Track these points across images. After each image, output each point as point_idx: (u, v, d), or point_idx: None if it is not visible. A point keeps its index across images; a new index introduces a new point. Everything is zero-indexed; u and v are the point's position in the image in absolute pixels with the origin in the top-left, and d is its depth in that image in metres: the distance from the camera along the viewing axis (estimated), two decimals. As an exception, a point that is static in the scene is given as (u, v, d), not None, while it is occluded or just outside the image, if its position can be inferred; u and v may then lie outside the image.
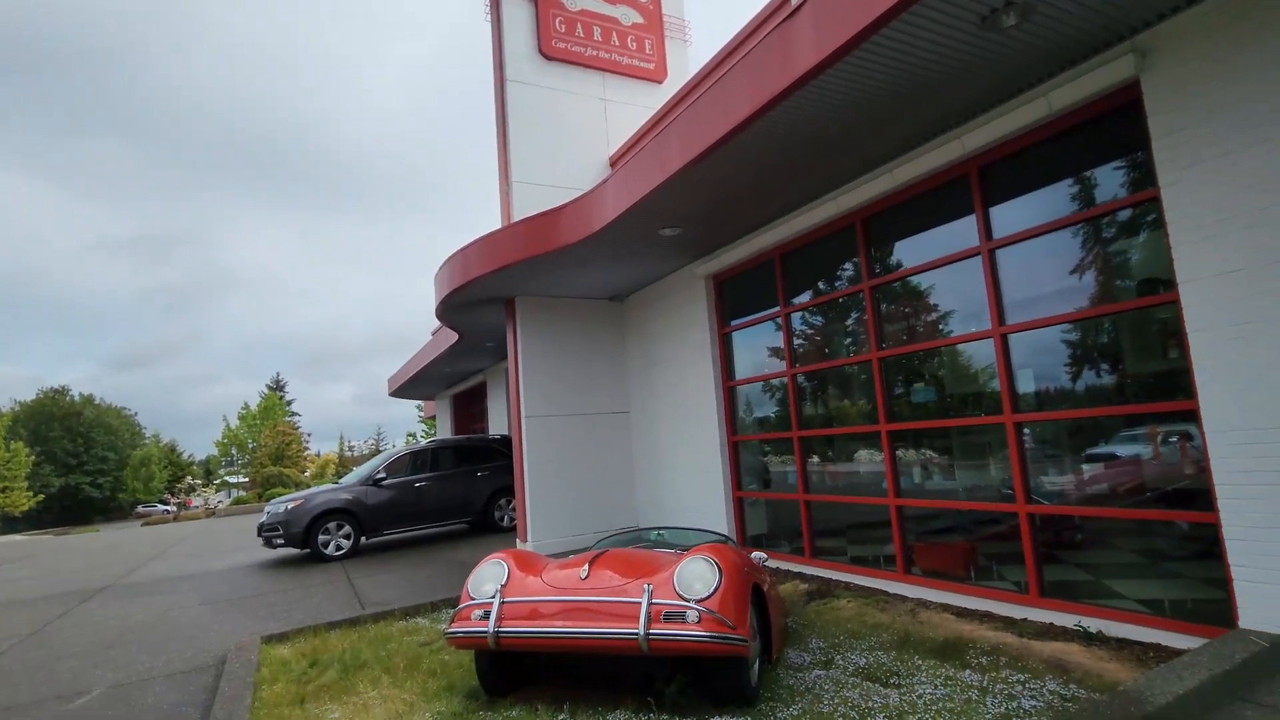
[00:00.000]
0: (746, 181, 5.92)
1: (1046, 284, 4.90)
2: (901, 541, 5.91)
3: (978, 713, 3.31)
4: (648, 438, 9.55)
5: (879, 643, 4.50)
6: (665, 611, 3.50)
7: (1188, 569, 4.28)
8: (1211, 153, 3.75)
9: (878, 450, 6.16)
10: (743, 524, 7.98)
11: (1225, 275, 3.70)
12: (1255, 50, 3.58)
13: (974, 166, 5.15)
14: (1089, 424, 4.80)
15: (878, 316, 6.16)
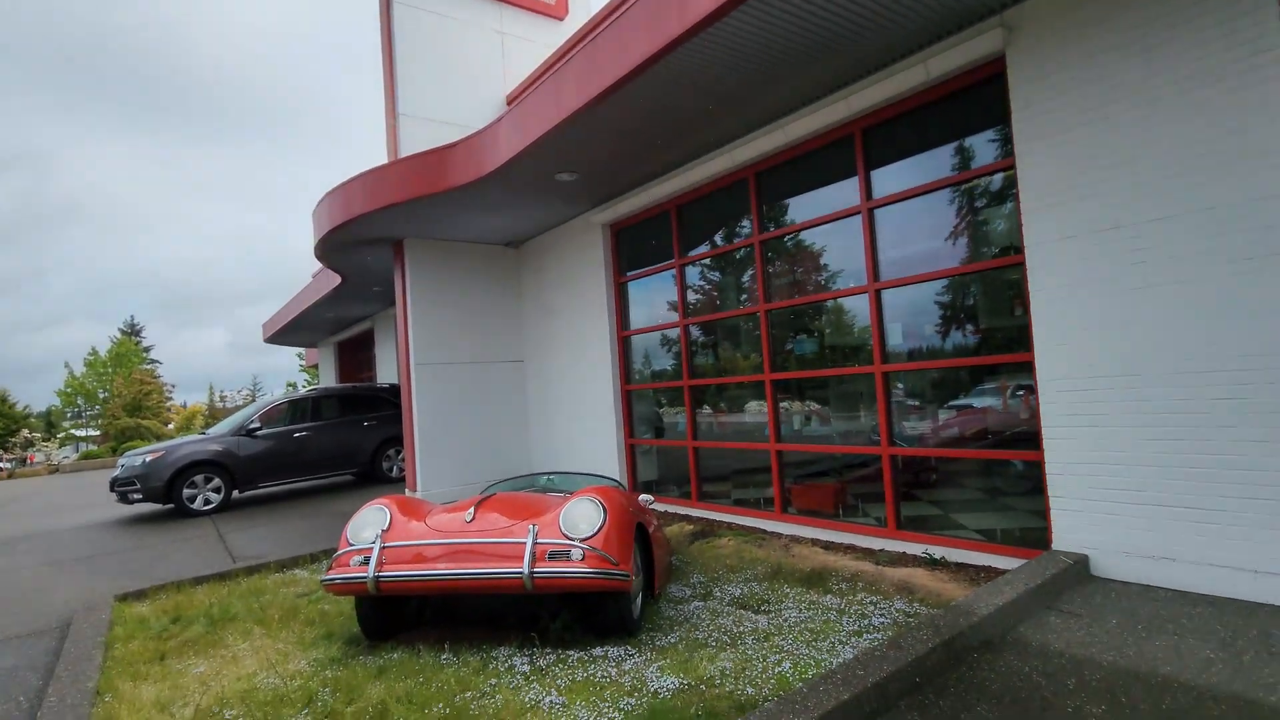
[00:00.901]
0: (644, 129, 5.87)
1: (917, 244, 5.25)
2: (780, 484, 6.30)
3: (835, 631, 3.65)
4: (543, 386, 9.51)
5: (754, 575, 4.82)
6: (550, 550, 3.57)
7: (1019, 502, 4.85)
8: (1058, 128, 4.12)
9: (763, 399, 6.47)
10: (634, 470, 8.20)
11: (1063, 240, 4.12)
12: (1096, 37, 3.93)
13: (858, 128, 5.37)
14: (951, 377, 5.27)
15: (766, 270, 6.39)
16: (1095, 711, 2.59)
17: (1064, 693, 2.75)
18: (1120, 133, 3.87)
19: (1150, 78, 3.74)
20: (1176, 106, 3.66)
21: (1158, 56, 3.71)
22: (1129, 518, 3.90)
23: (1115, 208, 3.90)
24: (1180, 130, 3.65)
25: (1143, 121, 3.78)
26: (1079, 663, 2.99)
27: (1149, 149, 3.77)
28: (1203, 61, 3.57)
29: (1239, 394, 3.51)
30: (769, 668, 3.25)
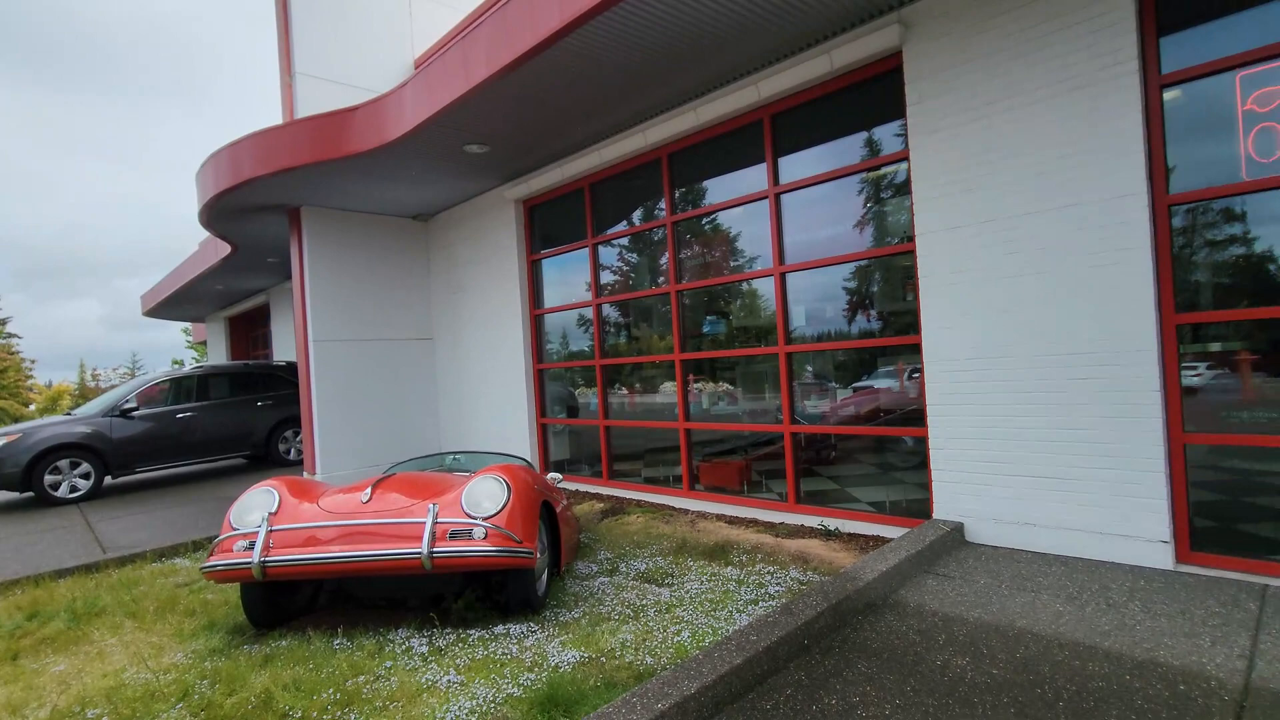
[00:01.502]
0: (557, 103, 5.77)
1: (820, 230, 5.45)
2: (688, 462, 6.45)
3: (733, 600, 3.79)
4: (453, 365, 9.26)
5: (660, 550, 4.93)
6: (452, 530, 3.50)
7: (908, 476, 5.18)
8: (947, 124, 4.37)
9: (673, 379, 6.57)
10: (546, 450, 8.16)
11: (949, 230, 4.40)
12: (981, 41, 4.18)
13: (767, 114, 5.49)
14: (851, 358, 5.53)
15: (678, 251, 6.46)
16: (960, 663, 2.82)
17: (934, 647, 2.98)
18: (1000, 131, 4.14)
19: (1026, 82, 4.02)
20: (1047, 109, 3.96)
21: (1034, 62, 3.99)
22: (999, 488, 4.25)
23: (994, 201, 4.19)
24: (1050, 131, 3.95)
25: (1019, 122, 4.07)
26: (949, 620, 3.24)
27: (1023, 147, 4.06)
28: (1071, 69, 3.87)
29: (1092, 374, 3.87)
30: (669, 638, 3.34)
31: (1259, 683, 2.50)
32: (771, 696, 2.66)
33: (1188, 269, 3.79)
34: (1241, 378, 3.77)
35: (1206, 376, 3.88)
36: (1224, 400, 3.80)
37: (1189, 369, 3.90)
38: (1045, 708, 2.44)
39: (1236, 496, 3.90)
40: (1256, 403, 3.71)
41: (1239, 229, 3.72)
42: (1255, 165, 3.49)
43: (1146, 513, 3.71)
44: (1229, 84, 3.55)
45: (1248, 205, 3.63)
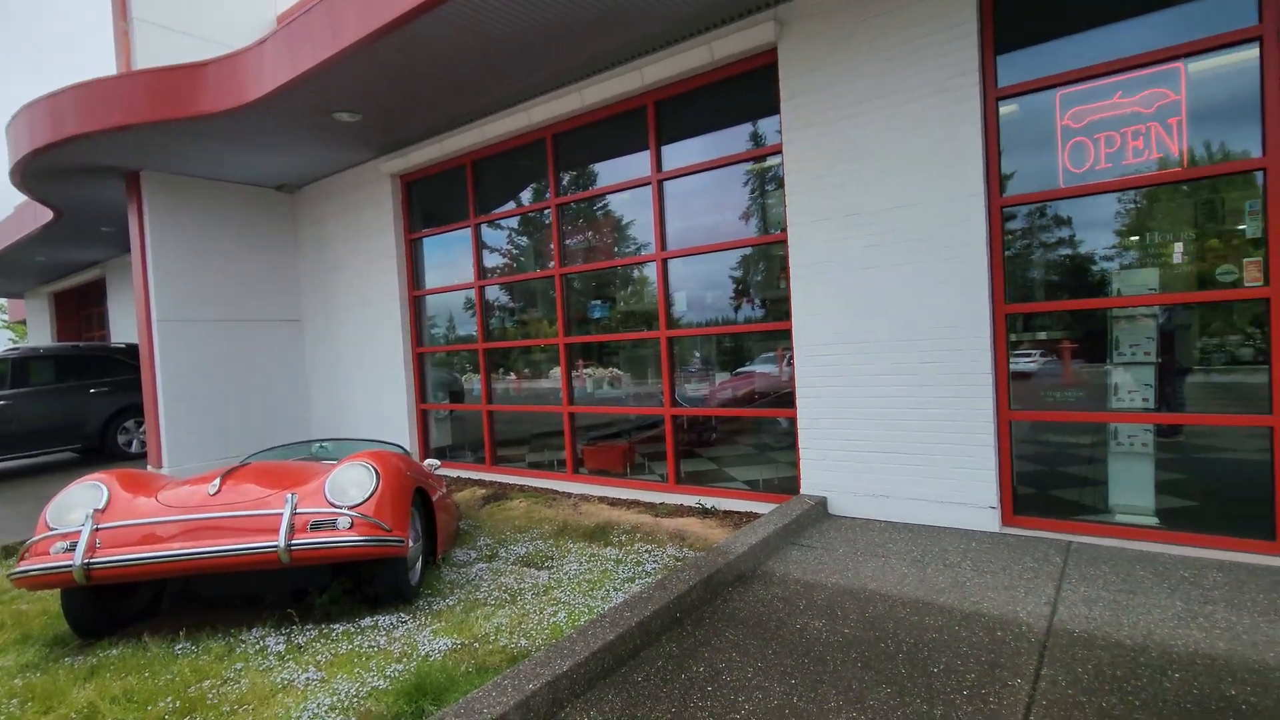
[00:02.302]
0: (436, 75, 5.51)
1: (701, 217, 5.59)
2: (572, 446, 6.45)
3: (611, 579, 3.85)
4: (325, 348, 8.69)
5: (541, 534, 4.90)
6: (313, 520, 3.29)
7: (781, 455, 5.46)
8: (817, 121, 4.60)
9: (558, 363, 6.53)
10: (426, 436, 7.87)
11: (817, 222, 4.65)
12: (848, 44, 4.43)
13: (651, 100, 5.55)
14: (732, 343, 5.73)
15: (562, 234, 6.40)
16: (817, 625, 3.03)
17: (796, 612, 3.18)
18: (865, 130, 4.42)
19: (888, 85, 4.32)
20: (905, 113, 4.27)
21: (895, 68, 4.28)
22: (858, 463, 4.58)
23: (857, 196, 4.47)
24: (907, 133, 4.27)
25: (881, 123, 4.36)
26: (810, 587, 3.47)
27: (884, 147, 4.36)
28: (926, 76, 4.19)
29: (937, 358, 4.25)
30: (545, 620, 3.34)
31: (1058, 625, 2.87)
32: (643, 669, 2.74)
33: (1016, 265, 4.24)
34: (1063, 362, 4.30)
35: (1040, 362, 4.39)
36: (1046, 382, 4.31)
37: (1024, 355, 4.40)
38: (887, 659, 2.67)
39: (1051, 466, 4.45)
40: (1072, 384, 4.24)
41: (1058, 231, 4.21)
42: (1070, 175, 3.95)
43: (979, 482, 4.14)
44: (1051, 101, 3.99)
45: (1064, 210, 4.12)
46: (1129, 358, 4.02)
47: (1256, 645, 2.58)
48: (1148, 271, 3.92)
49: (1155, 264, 3.90)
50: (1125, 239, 3.97)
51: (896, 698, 2.40)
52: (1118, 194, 3.90)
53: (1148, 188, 3.82)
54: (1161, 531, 3.79)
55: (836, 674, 2.59)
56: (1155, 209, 3.92)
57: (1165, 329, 4.02)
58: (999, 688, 2.41)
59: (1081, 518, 4.05)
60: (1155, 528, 3.83)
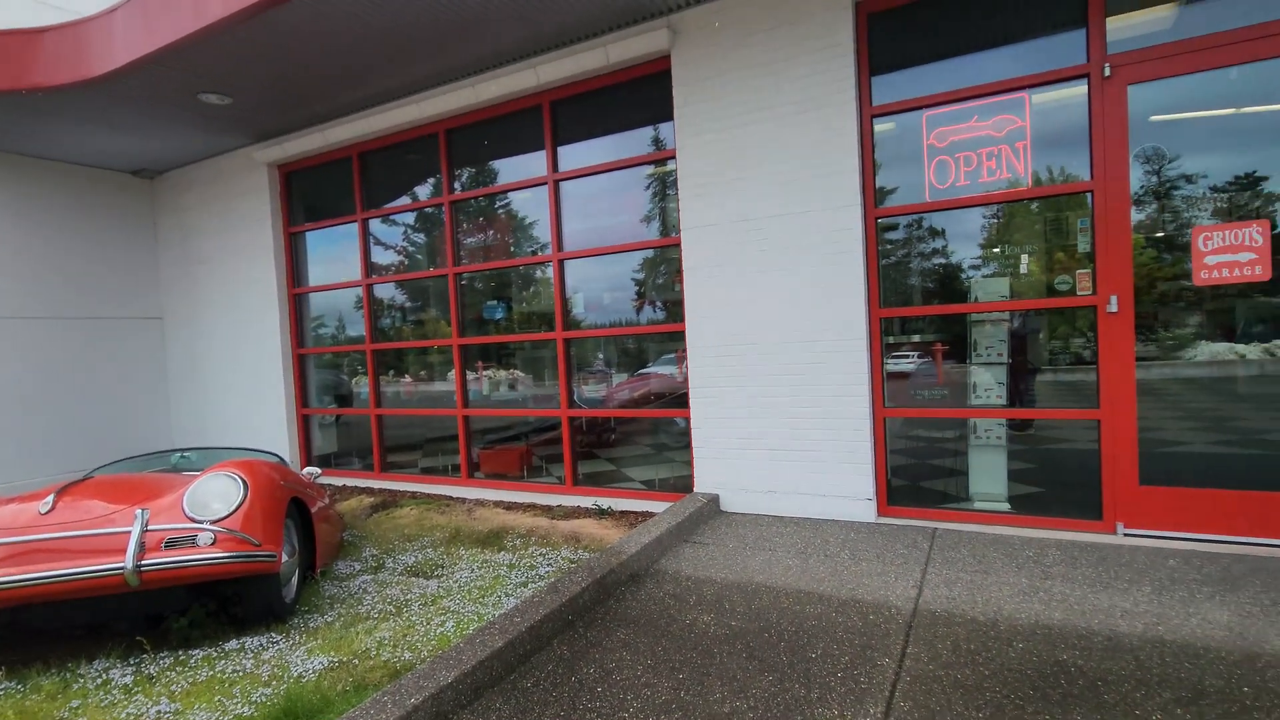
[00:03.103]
0: (318, 61, 5.19)
1: (598, 219, 5.61)
2: (467, 450, 6.27)
3: (503, 584, 3.77)
4: (191, 349, 7.97)
5: (432, 541, 4.73)
6: (168, 538, 3.01)
7: (677, 455, 5.56)
8: (710, 128, 4.73)
9: (451, 364, 6.33)
10: (308, 443, 7.39)
11: (709, 227, 4.78)
12: (738, 55, 4.59)
13: (547, 99, 5.50)
14: (635, 345, 5.77)
15: (456, 231, 6.22)
16: (706, 619, 3.11)
17: (686, 608, 3.24)
18: (755, 139, 4.59)
19: (776, 96, 4.50)
20: (790, 125, 4.47)
21: (780, 82, 4.48)
22: (749, 460, 4.74)
23: (748, 202, 4.64)
24: (794, 143, 4.47)
25: (769, 132, 4.54)
26: (700, 582, 3.55)
27: (772, 156, 4.54)
28: (807, 91, 4.41)
29: (822, 359, 4.48)
30: (432, 630, 3.22)
31: (923, 606, 3.10)
32: (533, 674, 2.70)
33: (890, 272, 4.55)
34: (936, 363, 4.65)
35: (917, 362, 4.73)
36: (921, 381, 4.65)
37: (903, 357, 4.73)
38: (770, 648, 2.78)
39: (922, 459, 4.81)
40: (943, 383, 4.60)
41: (932, 242, 4.56)
42: (935, 190, 4.28)
43: (858, 475, 4.40)
44: (919, 121, 4.31)
45: (932, 222, 4.46)
46: (986, 358, 4.41)
47: (1084, 614, 2.90)
48: (1000, 280, 4.32)
49: (1007, 274, 4.31)
50: (987, 250, 4.36)
51: (777, 684, 2.49)
52: (976, 209, 4.27)
53: (1000, 204, 4.21)
54: (1012, 516, 4.18)
55: (723, 666, 2.67)
56: (1010, 224, 4.33)
57: (1019, 333, 4.45)
58: (869, 668, 2.57)
59: (946, 506, 4.40)
60: (1007, 513, 4.22)
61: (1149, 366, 4.15)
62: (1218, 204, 3.84)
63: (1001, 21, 4.11)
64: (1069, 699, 2.28)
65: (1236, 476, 3.79)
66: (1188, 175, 3.87)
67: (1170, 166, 3.91)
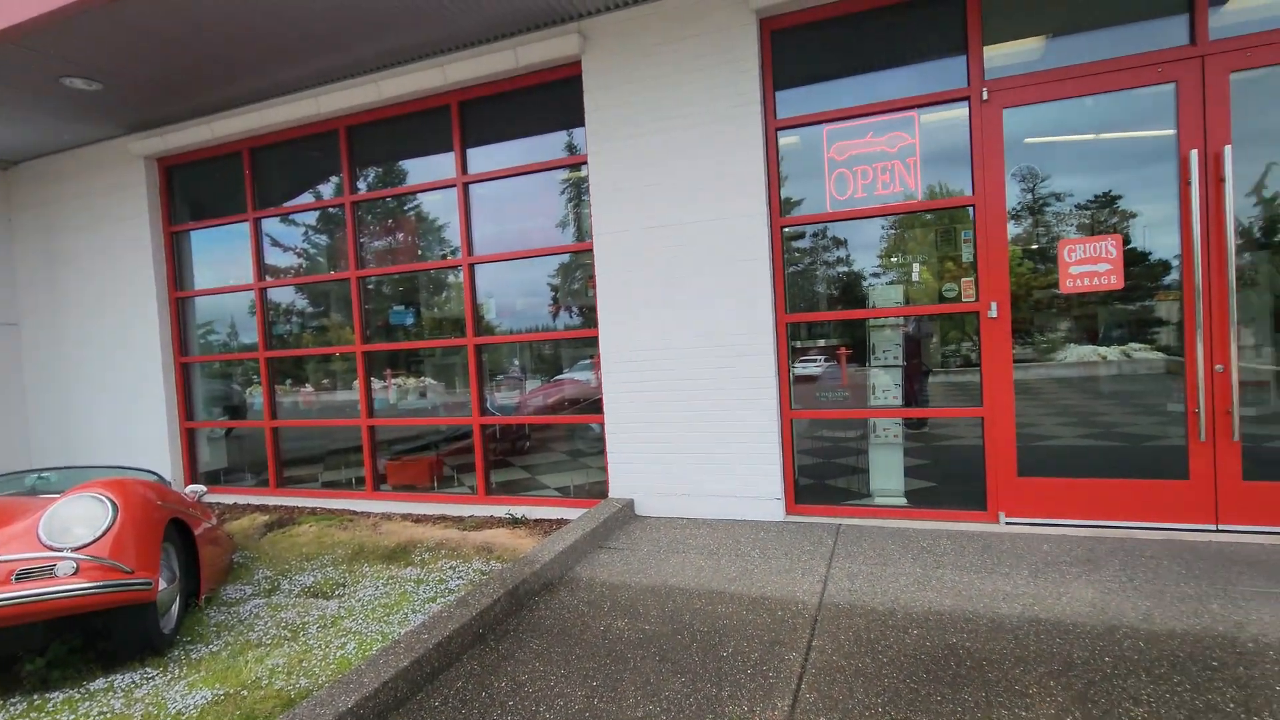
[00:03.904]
0: (202, 48, 4.84)
1: (511, 223, 5.52)
2: (373, 461, 5.99)
3: (410, 601, 3.62)
4: (53, 358, 7.20)
5: (333, 559, 4.48)
6: (20, 569, 2.69)
7: (593, 460, 5.53)
8: (621, 134, 4.76)
9: (354, 372, 6.03)
10: (193, 459, 6.84)
11: (621, 233, 4.80)
12: (646, 66, 4.65)
13: (455, 99, 5.36)
14: (551, 351, 5.70)
15: (359, 233, 5.95)
16: (620, 625, 3.10)
17: (600, 614, 3.23)
18: (667, 146, 4.65)
19: (687, 106, 4.58)
20: (699, 134, 4.57)
21: (693, 91, 4.56)
22: (662, 464, 4.79)
23: (659, 209, 4.69)
24: (705, 152, 4.56)
25: (681, 140, 4.61)
26: (615, 588, 3.54)
27: (684, 164, 4.62)
28: (716, 103, 4.52)
29: (734, 363, 4.58)
30: (331, 654, 3.04)
31: (828, 599, 3.22)
32: (441, 692, 2.60)
33: (796, 279, 4.73)
34: (841, 366, 4.86)
35: (824, 366, 4.93)
36: (828, 384, 4.84)
37: (811, 360, 4.92)
38: (683, 649, 2.81)
39: (828, 458, 5.01)
40: (847, 386, 4.81)
41: (829, 250, 4.77)
42: (835, 201, 4.49)
43: (767, 476, 4.53)
44: (820, 135, 4.51)
45: (833, 231, 4.67)
46: (883, 361, 4.66)
47: (971, 599, 3.11)
48: (895, 288, 4.58)
49: (902, 282, 4.57)
50: (885, 259, 4.61)
51: (689, 685, 2.52)
52: (875, 219, 4.51)
53: (894, 216, 4.46)
54: (909, 509, 4.42)
55: (636, 670, 2.66)
56: (905, 235, 4.60)
57: (915, 337, 4.73)
58: (777, 662, 2.64)
59: (849, 503, 4.60)
60: (904, 507, 4.47)
61: (1027, 367, 4.52)
62: (1082, 220, 4.24)
63: (894, 44, 4.37)
64: (958, 679, 2.43)
65: (1098, 466, 4.18)
66: (1057, 193, 4.26)
67: (1043, 185, 4.29)
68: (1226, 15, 3.71)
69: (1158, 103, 3.81)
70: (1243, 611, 2.81)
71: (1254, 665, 2.39)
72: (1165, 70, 3.74)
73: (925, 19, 4.24)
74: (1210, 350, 3.71)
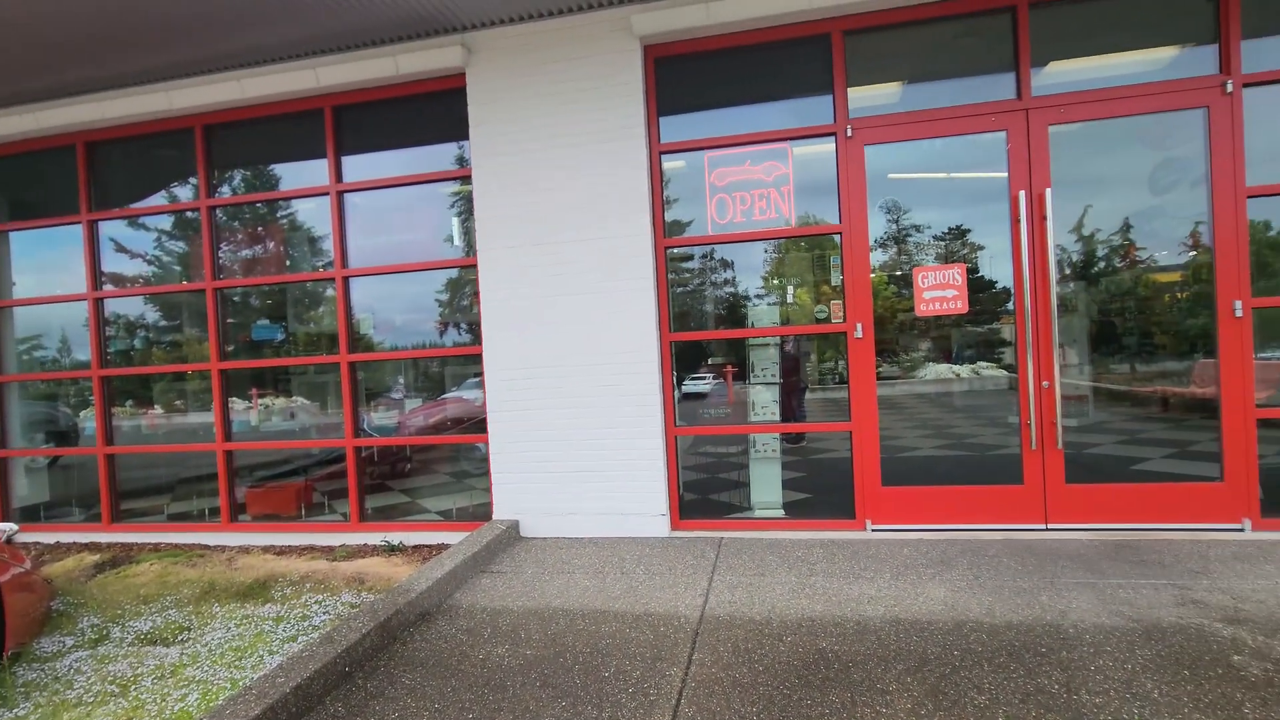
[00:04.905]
0: (24, 25, 4.29)
1: (391, 235, 5.28)
2: (229, 490, 5.47)
3: (266, 642, 3.31)
4: None
5: (177, 600, 4.03)
6: None
7: (478, 481, 5.34)
8: (507, 150, 4.71)
9: (229, 393, 5.50)
10: (5, 493, 5.95)
11: (507, 249, 4.73)
12: (534, 84, 4.64)
13: (329, 103, 5.09)
14: (440, 368, 5.46)
15: (217, 241, 5.47)
16: (500, 652, 2.99)
17: (479, 642, 3.10)
18: (554, 165, 4.64)
19: (574, 125, 4.60)
20: (588, 154, 4.59)
21: (578, 111, 4.59)
22: (549, 484, 4.71)
23: (546, 227, 4.67)
24: (592, 172, 4.59)
25: (568, 159, 4.62)
26: (496, 614, 3.42)
27: (571, 182, 4.63)
28: (606, 123, 4.57)
29: (621, 382, 4.61)
30: (169, 707, 2.72)
31: (709, 612, 3.28)
32: (298, 741, 2.38)
33: (681, 298, 4.85)
34: (727, 384, 5.01)
35: (712, 383, 5.06)
36: (715, 401, 4.98)
37: (700, 378, 5.03)
38: (565, 673, 2.75)
39: (712, 474, 5.14)
40: (733, 403, 4.97)
41: (716, 271, 4.94)
42: (716, 224, 4.66)
43: (652, 493, 4.58)
44: (702, 161, 4.67)
45: (717, 253, 4.85)
46: (762, 379, 4.87)
47: (840, 604, 3.28)
48: (773, 309, 4.81)
49: (779, 303, 4.81)
50: (768, 282, 4.84)
51: (570, 709, 2.47)
52: (756, 243, 4.73)
53: (770, 240, 4.70)
54: (787, 521, 4.61)
55: (515, 698, 2.58)
56: (783, 259, 4.84)
57: (794, 355, 4.97)
58: (658, 679, 2.65)
59: (731, 516, 4.74)
60: (782, 518, 4.66)
61: (893, 384, 4.88)
62: (939, 250, 4.67)
63: (771, 80, 4.62)
64: (827, 682, 2.54)
65: (951, 474, 4.56)
66: (918, 225, 4.67)
67: (905, 217, 4.69)
68: (1046, 76, 4.24)
69: (995, 148, 4.28)
70: (1065, 600, 3.15)
71: (1074, 648, 2.68)
72: (998, 119, 4.22)
73: (798, 58, 4.53)
74: (1038, 368, 4.17)
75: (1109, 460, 4.61)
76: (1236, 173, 3.94)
